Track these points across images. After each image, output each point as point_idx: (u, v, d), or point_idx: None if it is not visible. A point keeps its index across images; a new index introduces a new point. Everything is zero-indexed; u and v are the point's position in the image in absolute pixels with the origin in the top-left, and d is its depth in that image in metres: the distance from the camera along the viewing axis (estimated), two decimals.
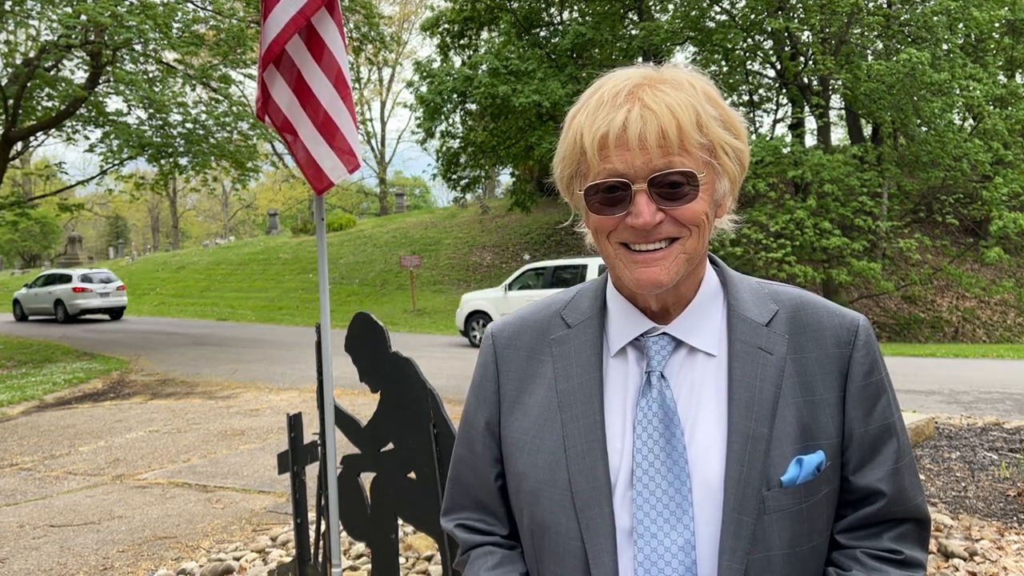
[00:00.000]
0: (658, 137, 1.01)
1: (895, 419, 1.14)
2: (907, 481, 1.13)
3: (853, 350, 1.13)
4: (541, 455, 1.14)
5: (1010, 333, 21.34)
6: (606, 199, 1.06)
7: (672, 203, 1.04)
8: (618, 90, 1.05)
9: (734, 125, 1.09)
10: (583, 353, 1.17)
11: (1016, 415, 8.33)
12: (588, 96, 1.09)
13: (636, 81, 1.06)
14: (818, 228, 18.97)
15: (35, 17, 16.89)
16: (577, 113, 1.09)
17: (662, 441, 1.08)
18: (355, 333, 3.17)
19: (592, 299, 1.21)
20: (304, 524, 3.60)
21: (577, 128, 1.07)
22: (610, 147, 1.03)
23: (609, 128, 1.03)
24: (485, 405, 1.24)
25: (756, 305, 1.16)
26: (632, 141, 1.02)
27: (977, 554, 4.16)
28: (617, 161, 1.03)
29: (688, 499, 1.06)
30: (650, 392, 1.11)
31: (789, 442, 1.08)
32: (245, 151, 18.74)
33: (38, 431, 9.45)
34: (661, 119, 1.01)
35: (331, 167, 3.06)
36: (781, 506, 1.06)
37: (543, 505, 1.13)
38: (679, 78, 1.07)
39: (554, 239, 30.77)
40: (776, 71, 24.21)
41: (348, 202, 60.62)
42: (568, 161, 1.10)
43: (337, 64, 3.01)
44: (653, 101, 1.02)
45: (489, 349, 1.26)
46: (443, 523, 1.29)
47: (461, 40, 27.29)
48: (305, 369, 13.17)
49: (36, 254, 58.58)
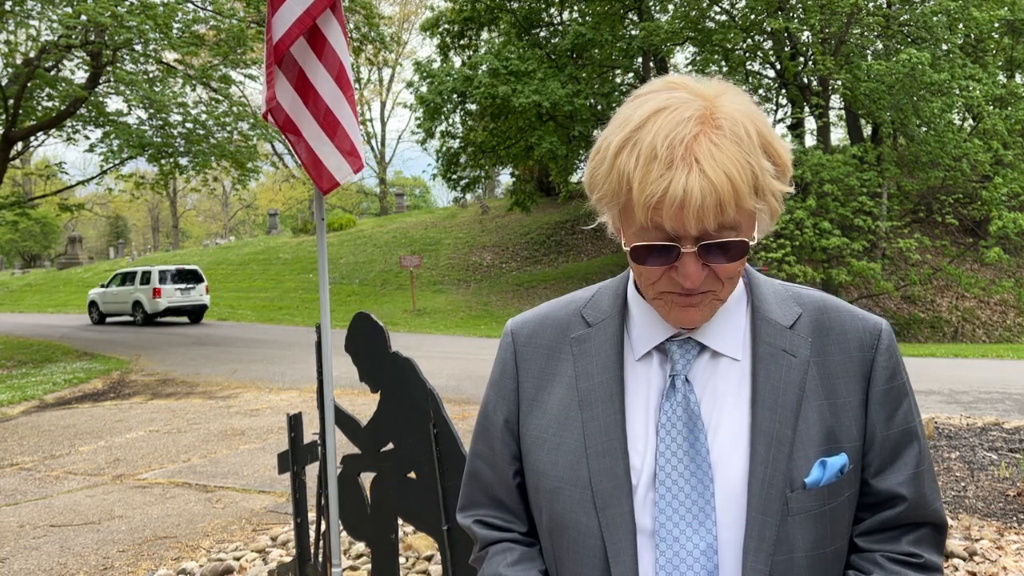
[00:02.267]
0: (715, 210, 0.98)
1: (916, 424, 1.15)
2: (927, 486, 1.13)
3: (876, 354, 1.13)
4: (561, 453, 1.14)
5: (1010, 333, 21.34)
6: (652, 252, 1.04)
7: (719, 263, 1.03)
8: (673, 141, 0.98)
9: (785, 169, 1.06)
10: (603, 352, 1.17)
11: (1016, 415, 8.33)
12: (636, 129, 1.01)
13: (693, 131, 0.98)
14: (818, 228, 18.97)
15: (35, 17, 16.90)
16: (622, 149, 1.01)
17: (685, 445, 1.08)
18: (355, 333, 3.17)
19: (612, 298, 1.21)
20: (304, 524, 3.61)
21: (624, 174, 1.01)
22: (663, 213, 0.99)
23: (665, 196, 0.98)
24: (504, 402, 1.23)
25: (780, 307, 1.16)
26: (688, 213, 0.98)
27: (977, 554, 4.16)
28: (668, 224, 1.00)
29: (711, 503, 1.06)
30: (674, 395, 1.11)
31: (812, 444, 1.08)
32: (245, 151, 18.74)
33: (38, 431, 9.45)
34: (720, 192, 0.97)
35: (336, 167, 3.06)
36: (804, 508, 1.07)
37: (563, 503, 1.13)
38: (736, 121, 1.01)
39: (554, 239, 30.77)
40: (776, 71, 24.21)
41: (348, 202, 60.61)
42: (608, 198, 1.06)
43: (340, 63, 3.02)
44: (711, 166, 0.97)
45: (509, 346, 1.26)
46: (459, 518, 1.29)
47: (461, 40, 27.29)
48: (305, 369, 13.17)
49: (36, 254, 58.57)
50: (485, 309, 24.10)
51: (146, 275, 24.04)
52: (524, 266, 29.43)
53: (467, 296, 26.53)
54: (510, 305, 24.08)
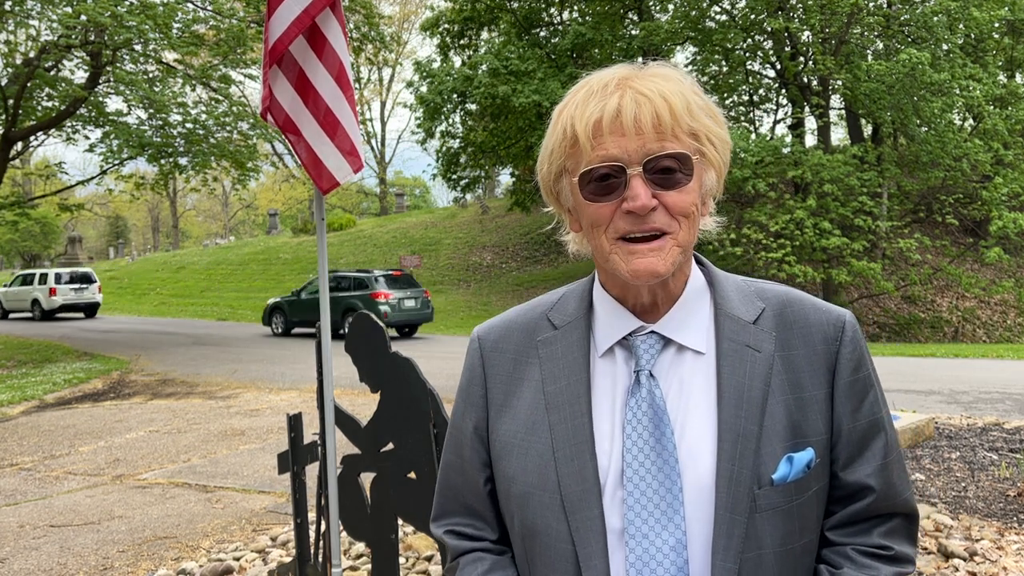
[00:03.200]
0: (652, 120, 1.03)
1: (883, 414, 1.14)
2: (896, 476, 1.13)
3: (840, 346, 1.13)
4: (530, 458, 1.14)
5: (1010, 333, 21.33)
6: (600, 187, 1.06)
7: (666, 189, 1.05)
8: (607, 81, 1.07)
9: (718, 117, 1.11)
10: (570, 354, 1.16)
11: (1016, 415, 8.33)
12: (575, 91, 1.10)
13: (624, 73, 1.08)
14: (818, 228, 18.97)
15: (35, 17, 16.90)
16: (565, 107, 1.10)
17: (652, 441, 1.08)
18: (355, 333, 3.17)
19: (578, 300, 1.21)
20: (304, 524, 3.60)
21: (567, 118, 1.08)
22: (604, 132, 1.04)
23: (603, 113, 1.04)
24: (473, 409, 1.23)
25: (742, 303, 1.16)
26: (627, 124, 1.03)
27: (977, 554, 4.16)
28: (611, 146, 1.04)
29: (679, 499, 1.06)
30: (639, 391, 1.11)
31: (779, 440, 1.08)
32: (245, 151, 18.74)
33: (38, 431, 9.45)
34: (654, 103, 1.03)
35: (336, 167, 3.06)
36: (772, 504, 1.07)
37: (533, 508, 1.12)
38: (665, 71, 1.09)
39: (554, 239, 30.60)
40: (776, 71, 24.20)
41: (348, 202, 60.60)
42: (556, 155, 1.11)
43: (339, 62, 3.02)
44: (644, 87, 1.05)
45: (476, 352, 1.25)
46: (432, 529, 1.28)
47: (461, 40, 27.28)
48: (305, 369, 13.17)
49: (36, 254, 58.55)
50: (485, 309, 24.10)
51: (43, 276, 27.24)
52: (524, 266, 29.44)
53: (467, 296, 26.53)
54: (510, 305, 24.05)
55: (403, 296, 19.11)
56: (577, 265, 27.87)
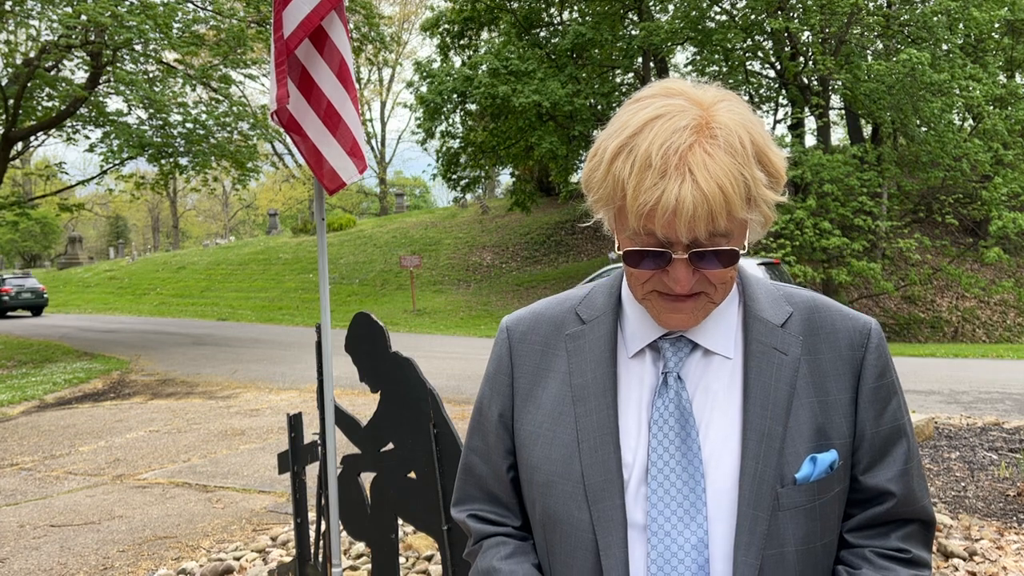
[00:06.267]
0: (707, 220, 1.00)
1: (905, 421, 1.16)
2: (915, 482, 1.15)
3: (866, 353, 1.15)
4: (554, 448, 1.16)
5: (1010, 333, 21.33)
6: (644, 259, 1.06)
7: (710, 268, 1.05)
8: (668, 150, 0.99)
9: (779, 178, 1.07)
10: (597, 349, 1.18)
11: (1016, 415, 8.33)
12: (632, 135, 1.02)
13: (688, 140, 0.99)
14: (818, 228, 18.97)
15: (35, 17, 16.90)
16: (618, 155, 1.03)
17: (677, 440, 1.10)
18: (355, 333, 3.17)
19: (607, 296, 1.22)
20: (304, 524, 3.61)
21: (619, 180, 1.02)
22: (656, 221, 1.01)
23: (658, 205, 0.99)
24: (499, 397, 1.25)
25: (771, 306, 1.18)
26: (679, 222, 1.00)
27: (977, 554, 4.16)
28: (660, 231, 1.02)
29: (702, 497, 1.08)
30: (666, 392, 1.12)
31: (803, 441, 1.10)
32: (245, 151, 18.75)
33: (38, 431, 9.46)
34: (712, 203, 0.98)
35: (341, 167, 3.05)
36: (795, 503, 1.09)
37: (555, 497, 1.14)
38: (731, 131, 1.02)
39: (554, 239, 30.77)
40: (776, 71, 24.20)
41: (348, 202, 60.58)
42: (603, 201, 1.07)
43: (342, 61, 3.01)
44: (703, 177, 0.98)
45: (504, 342, 1.27)
46: (454, 513, 1.31)
47: (461, 40, 27.27)
48: (305, 369, 13.17)
49: (36, 254, 58.56)
50: (485, 309, 24.10)
51: None
52: (524, 266, 29.43)
53: (467, 296, 26.53)
54: (510, 305, 24.07)
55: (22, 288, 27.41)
56: (578, 265, 27.87)
